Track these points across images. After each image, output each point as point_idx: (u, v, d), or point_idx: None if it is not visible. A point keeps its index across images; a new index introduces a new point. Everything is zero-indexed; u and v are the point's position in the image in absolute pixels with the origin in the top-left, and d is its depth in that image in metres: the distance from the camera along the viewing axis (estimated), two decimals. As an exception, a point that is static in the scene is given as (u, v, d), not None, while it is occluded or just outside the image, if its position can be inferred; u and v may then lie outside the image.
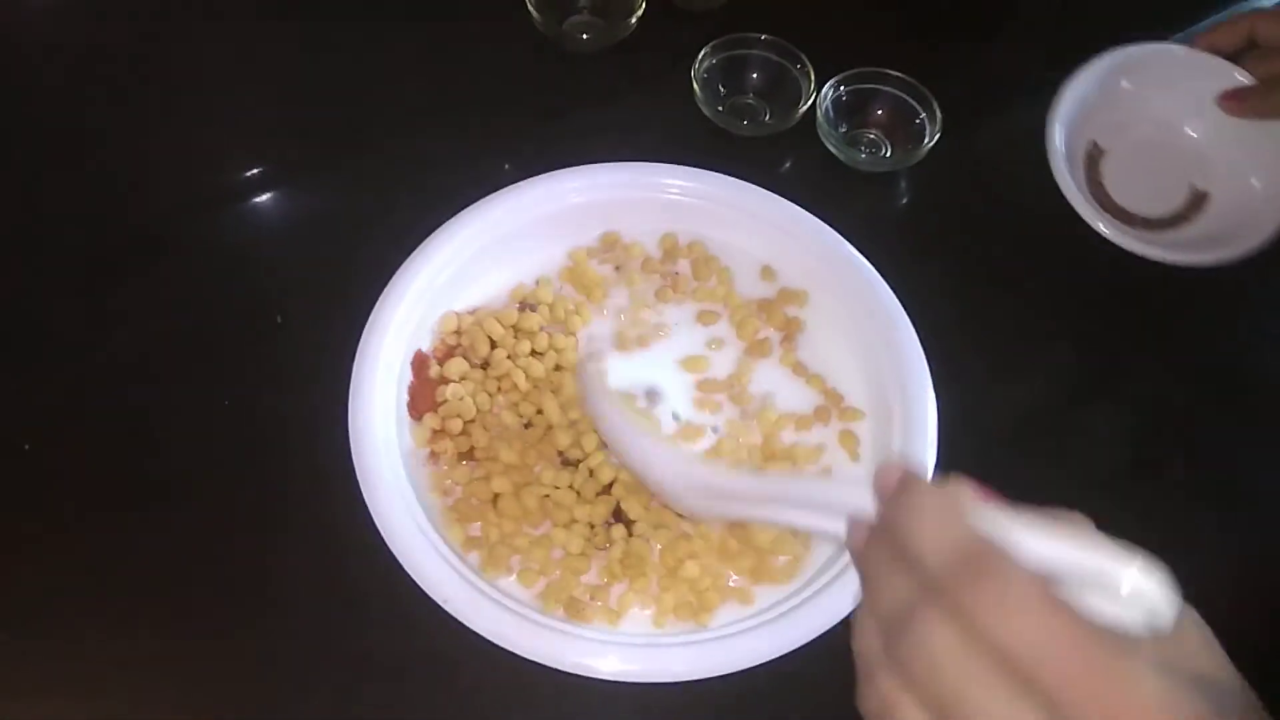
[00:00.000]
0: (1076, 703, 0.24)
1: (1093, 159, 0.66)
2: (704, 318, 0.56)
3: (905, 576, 0.28)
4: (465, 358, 0.53)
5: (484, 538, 0.49)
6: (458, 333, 0.54)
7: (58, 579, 0.50)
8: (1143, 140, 0.67)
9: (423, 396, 0.52)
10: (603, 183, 0.56)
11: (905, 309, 0.54)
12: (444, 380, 0.52)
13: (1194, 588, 0.27)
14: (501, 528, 0.49)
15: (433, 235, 0.54)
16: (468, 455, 0.51)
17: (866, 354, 0.54)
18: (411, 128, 0.66)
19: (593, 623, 0.46)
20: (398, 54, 0.69)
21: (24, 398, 0.55)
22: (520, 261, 0.57)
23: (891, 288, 0.55)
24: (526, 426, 0.52)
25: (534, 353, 0.54)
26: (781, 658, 0.43)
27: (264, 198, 0.64)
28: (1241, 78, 0.63)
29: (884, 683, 0.27)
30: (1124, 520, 0.28)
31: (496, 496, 0.50)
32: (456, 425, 0.51)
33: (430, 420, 0.51)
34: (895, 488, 0.30)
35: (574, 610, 0.46)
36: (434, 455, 0.51)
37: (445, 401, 0.51)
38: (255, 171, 0.65)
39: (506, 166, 0.60)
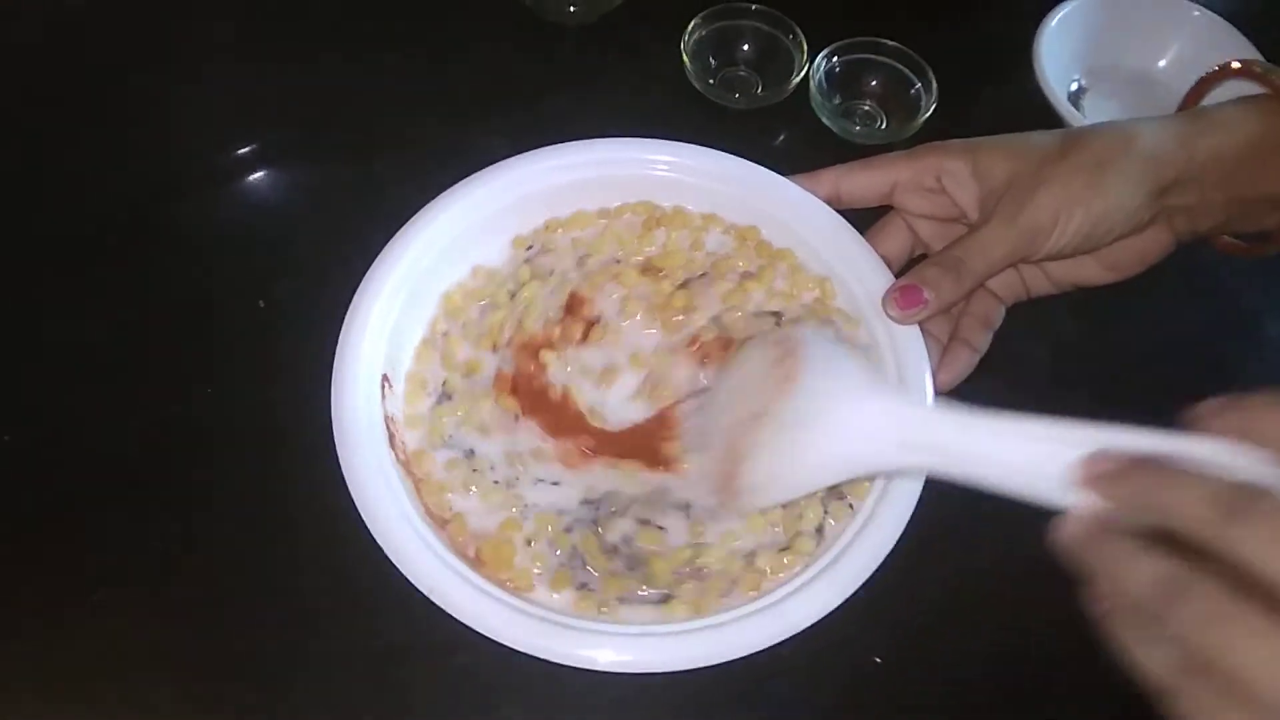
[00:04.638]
0: None
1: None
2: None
3: (1151, 558, 0.28)
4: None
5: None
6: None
7: (38, 572, 0.49)
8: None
9: None
10: (586, 160, 0.55)
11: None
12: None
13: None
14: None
15: (417, 216, 0.53)
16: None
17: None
18: (400, 106, 0.65)
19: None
20: (385, 31, 0.68)
21: (1, 386, 0.54)
22: (505, 242, 0.55)
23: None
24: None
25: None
26: (778, 644, 0.42)
27: (249, 179, 0.63)
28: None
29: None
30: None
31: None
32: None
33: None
34: (1117, 472, 0.30)
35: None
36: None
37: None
38: (241, 153, 0.64)
39: (498, 142, 0.58)
